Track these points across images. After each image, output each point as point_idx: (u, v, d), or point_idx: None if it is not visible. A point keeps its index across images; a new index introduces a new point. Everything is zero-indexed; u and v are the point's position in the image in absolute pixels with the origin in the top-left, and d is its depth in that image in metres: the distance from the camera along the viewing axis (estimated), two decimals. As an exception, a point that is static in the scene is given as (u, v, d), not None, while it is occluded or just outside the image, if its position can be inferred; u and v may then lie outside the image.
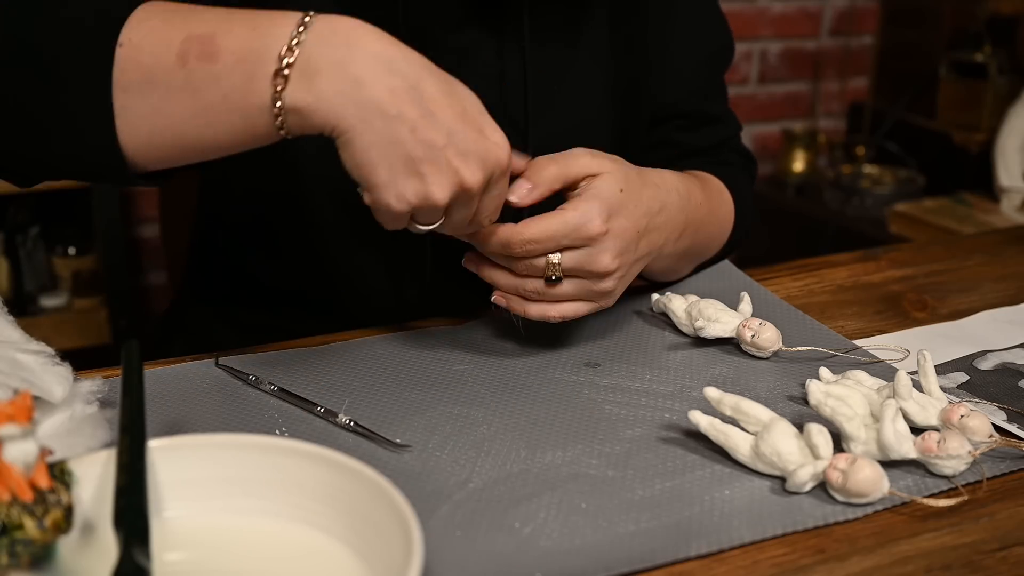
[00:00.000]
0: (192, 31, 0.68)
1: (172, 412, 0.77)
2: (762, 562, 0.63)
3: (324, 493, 0.62)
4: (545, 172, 0.79)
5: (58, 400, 0.69)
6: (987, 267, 1.11)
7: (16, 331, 0.75)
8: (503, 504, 0.67)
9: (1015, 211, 2.30)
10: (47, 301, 2.02)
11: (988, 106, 2.42)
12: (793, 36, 2.66)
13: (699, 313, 0.89)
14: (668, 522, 0.66)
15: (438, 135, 0.67)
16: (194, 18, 0.69)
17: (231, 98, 0.68)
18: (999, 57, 2.44)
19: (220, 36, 0.68)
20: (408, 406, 0.79)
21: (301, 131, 0.69)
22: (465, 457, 0.73)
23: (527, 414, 0.78)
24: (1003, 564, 0.63)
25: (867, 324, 0.96)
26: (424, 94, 0.67)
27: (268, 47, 0.67)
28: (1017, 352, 0.90)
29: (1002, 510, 0.68)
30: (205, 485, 0.63)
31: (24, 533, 0.55)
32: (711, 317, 0.88)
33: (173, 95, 0.68)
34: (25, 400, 0.57)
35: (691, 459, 0.73)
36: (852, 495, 0.67)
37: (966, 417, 0.73)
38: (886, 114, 2.59)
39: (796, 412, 0.79)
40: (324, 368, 0.84)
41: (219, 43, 0.68)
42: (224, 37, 0.68)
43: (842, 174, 2.52)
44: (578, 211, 0.78)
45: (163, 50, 0.68)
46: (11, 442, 0.55)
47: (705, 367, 0.86)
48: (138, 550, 0.55)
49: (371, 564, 0.59)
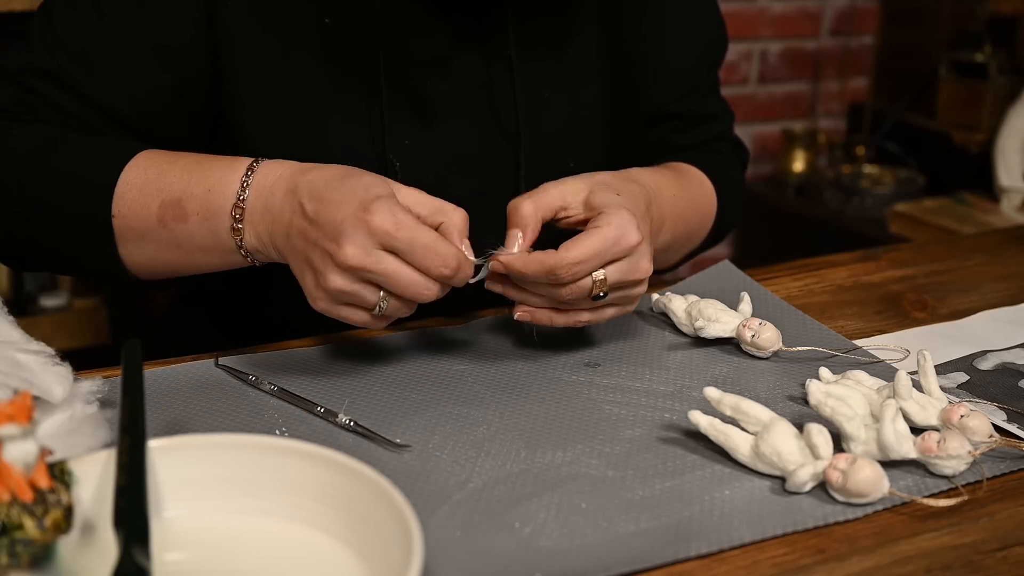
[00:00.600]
0: (164, 198, 0.83)
1: (172, 412, 0.77)
2: (762, 562, 0.63)
3: (324, 493, 0.62)
4: (524, 211, 0.81)
5: (58, 400, 0.69)
6: (987, 267, 1.11)
7: (16, 331, 0.75)
8: (503, 504, 0.67)
9: (1015, 211, 2.30)
10: (47, 301, 2.02)
11: (988, 106, 2.42)
12: (793, 36, 2.66)
13: (699, 313, 0.89)
14: (668, 522, 0.66)
15: (312, 233, 0.76)
16: (164, 183, 0.83)
17: (206, 247, 0.83)
18: (999, 57, 2.44)
19: (185, 200, 0.82)
20: (408, 406, 0.79)
21: (268, 260, 0.83)
22: (465, 457, 0.73)
23: (527, 414, 0.78)
24: (1003, 564, 0.63)
25: (867, 324, 0.96)
26: (306, 209, 0.77)
27: (221, 207, 0.81)
28: (1017, 352, 0.90)
29: (1002, 510, 0.68)
30: (205, 485, 0.63)
31: (24, 533, 0.55)
32: (711, 317, 0.88)
33: (162, 248, 0.85)
34: (25, 400, 0.57)
35: (691, 459, 0.73)
36: (852, 495, 0.67)
37: (966, 417, 0.73)
38: (886, 114, 2.59)
39: (796, 412, 0.79)
40: (324, 368, 0.84)
41: (185, 207, 0.82)
42: (188, 201, 0.82)
43: (842, 174, 2.52)
44: (612, 225, 0.79)
45: (145, 217, 0.83)
46: (11, 442, 0.55)
47: (705, 367, 0.86)
48: (138, 550, 0.55)
49: (371, 564, 0.59)
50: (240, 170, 0.81)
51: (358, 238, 0.73)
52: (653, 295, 0.95)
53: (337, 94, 0.90)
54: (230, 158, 0.83)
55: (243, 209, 0.80)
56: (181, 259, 0.85)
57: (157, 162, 0.84)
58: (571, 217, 0.83)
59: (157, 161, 0.85)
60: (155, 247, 0.85)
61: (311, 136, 0.90)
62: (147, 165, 0.84)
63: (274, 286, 1.01)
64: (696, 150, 1.08)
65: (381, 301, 0.76)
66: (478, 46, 0.93)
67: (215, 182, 0.81)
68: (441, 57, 0.92)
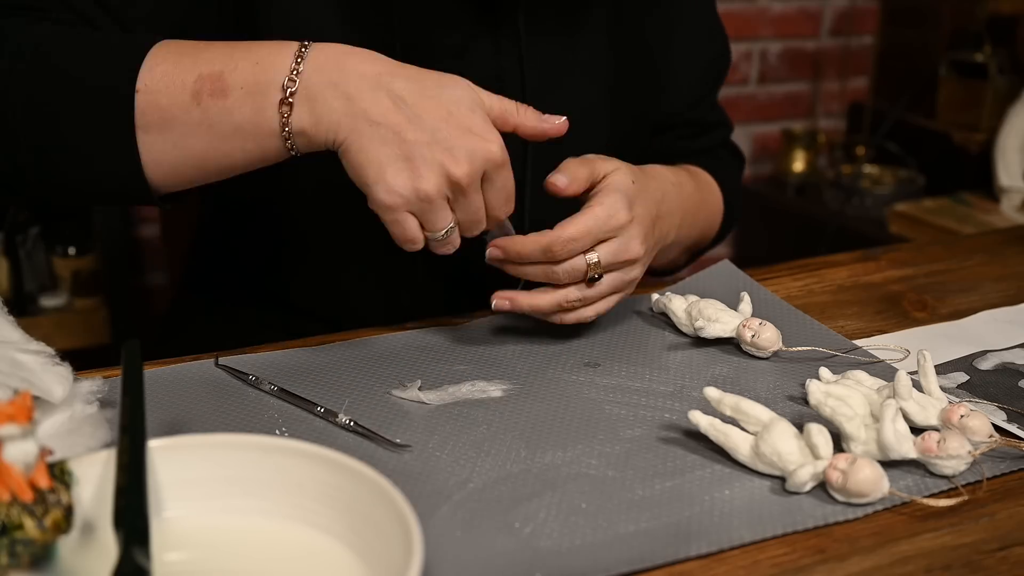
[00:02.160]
0: (202, 71, 0.75)
1: (172, 412, 0.77)
2: (762, 562, 0.63)
3: (324, 493, 0.62)
4: (580, 173, 0.83)
5: (58, 400, 0.69)
6: (987, 267, 1.11)
7: (16, 331, 0.75)
8: (503, 504, 0.67)
9: (1015, 211, 2.30)
10: (47, 301, 2.02)
11: (988, 106, 2.41)
12: (793, 36, 2.66)
13: (699, 313, 0.89)
14: (668, 522, 0.66)
15: (422, 134, 0.73)
16: (202, 58, 0.76)
17: (244, 128, 0.76)
18: (999, 57, 2.44)
19: (228, 73, 0.75)
20: (408, 406, 0.79)
21: (308, 148, 0.76)
22: (465, 457, 0.73)
23: (527, 414, 0.78)
24: (1003, 564, 0.63)
25: (867, 324, 0.96)
26: (407, 101, 0.73)
27: (272, 80, 0.74)
28: (1017, 352, 0.90)
29: (1002, 510, 0.68)
30: (205, 485, 0.63)
31: (24, 533, 0.55)
32: (711, 317, 0.88)
33: (191, 130, 0.76)
34: (25, 400, 0.57)
35: (691, 459, 0.73)
36: (852, 495, 0.67)
37: (966, 417, 0.73)
38: (886, 114, 2.59)
39: (796, 412, 0.79)
40: (324, 368, 0.84)
41: (227, 80, 0.75)
42: (232, 74, 0.75)
43: (842, 174, 2.52)
44: (604, 205, 0.82)
45: (178, 91, 0.75)
46: (11, 442, 0.55)
47: (705, 367, 0.86)
48: (138, 550, 0.55)
49: (371, 564, 0.59)
50: (292, 47, 0.75)
51: (476, 161, 0.74)
52: (653, 295, 0.95)
53: None
54: (277, 41, 0.77)
55: (296, 83, 0.74)
56: (208, 148, 0.77)
57: (190, 43, 0.78)
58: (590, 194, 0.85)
59: (190, 43, 0.78)
60: (182, 131, 0.76)
61: None
62: (179, 45, 0.78)
63: (275, 286, 1.01)
64: (701, 156, 1.10)
65: (449, 229, 0.76)
66: (490, 38, 0.93)
67: (263, 56, 0.76)
68: (454, 48, 0.93)
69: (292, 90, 0.74)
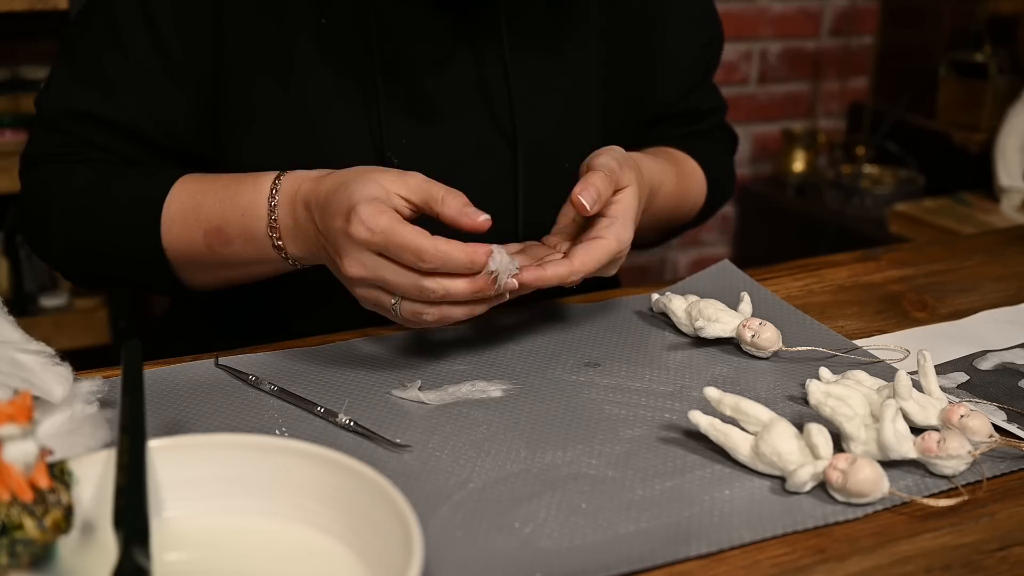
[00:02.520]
0: (206, 227, 0.87)
1: (172, 412, 0.77)
2: (762, 562, 0.63)
3: (324, 493, 0.62)
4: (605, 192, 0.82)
5: (58, 400, 0.69)
6: (987, 267, 1.11)
7: (16, 331, 0.75)
8: (503, 504, 0.67)
9: (1015, 211, 2.30)
10: (47, 301, 2.02)
11: (988, 106, 2.41)
12: (793, 36, 2.66)
13: (699, 313, 0.89)
14: (668, 522, 0.66)
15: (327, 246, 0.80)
16: (202, 214, 0.87)
17: (255, 263, 0.88)
18: (999, 57, 2.43)
19: (225, 227, 0.86)
20: (408, 406, 0.79)
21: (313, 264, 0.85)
22: (465, 457, 0.73)
23: (527, 414, 0.78)
24: (1003, 564, 0.63)
25: (867, 324, 0.96)
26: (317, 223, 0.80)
27: (259, 229, 0.85)
28: (1017, 352, 0.90)
29: (1002, 510, 0.68)
30: (205, 485, 0.63)
31: (24, 533, 0.55)
32: (711, 317, 0.88)
33: (216, 267, 0.90)
34: (25, 400, 0.57)
35: (691, 459, 0.73)
36: (852, 495, 0.67)
37: (966, 417, 0.73)
38: (886, 114, 2.59)
39: (796, 412, 0.79)
40: (324, 368, 0.84)
41: (227, 232, 0.86)
42: (228, 227, 0.86)
43: (842, 174, 2.52)
44: (620, 240, 0.83)
45: (194, 246, 0.89)
46: (11, 442, 0.55)
47: (705, 367, 0.86)
48: (138, 550, 0.55)
49: (371, 564, 0.59)
50: (265, 190, 0.84)
51: (351, 250, 0.76)
52: (653, 295, 0.95)
53: (336, 94, 0.91)
54: (255, 176, 0.86)
55: (278, 228, 0.84)
56: (238, 274, 0.91)
57: (191, 191, 0.89)
58: None
59: (191, 191, 0.89)
60: (210, 268, 0.90)
61: (311, 136, 0.91)
62: (183, 198, 0.89)
63: (275, 286, 1.01)
64: (691, 139, 1.11)
65: (393, 306, 0.78)
66: (473, 46, 0.93)
67: (246, 205, 0.85)
68: (438, 57, 0.93)
69: (275, 236, 0.84)
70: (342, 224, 0.76)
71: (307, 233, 0.82)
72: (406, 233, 0.74)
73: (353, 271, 0.77)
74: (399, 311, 0.78)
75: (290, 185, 0.83)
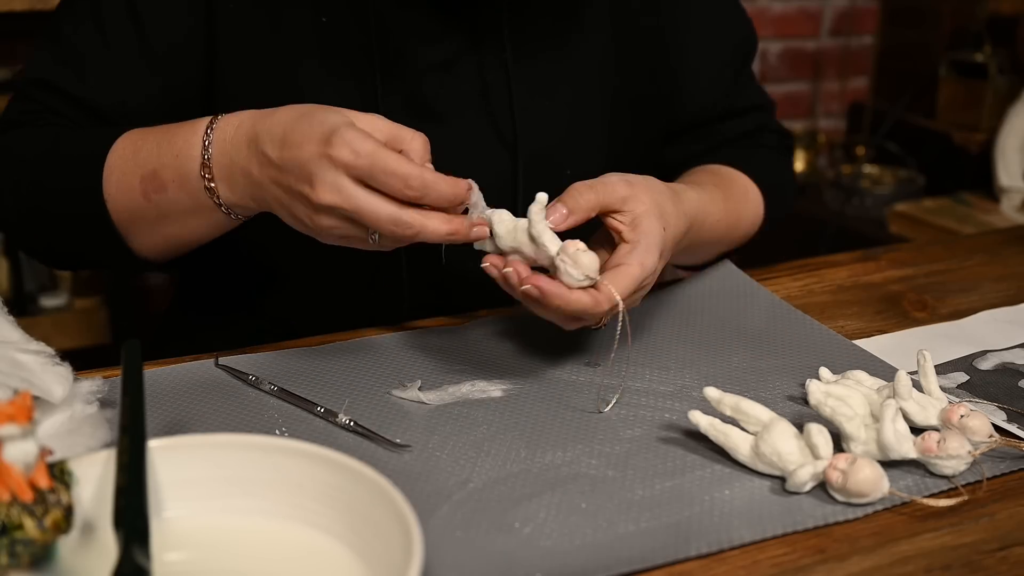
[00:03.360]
0: (143, 172, 0.84)
1: (172, 412, 0.77)
2: (762, 562, 0.63)
3: (324, 493, 0.62)
4: (582, 200, 0.79)
5: (58, 400, 0.69)
6: (987, 267, 1.11)
7: (16, 331, 0.75)
8: (503, 504, 0.67)
9: (1015, 211, 2.30)
10: (47, 301, 2.01)
11: (988, 106, 2.41)
12: (793, 36, 2.66)
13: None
14: (668, 522, 0.66)
15: (284, 179, 0.76)
16: (140, 158, 0.85)
17: (191, 210, 0.84)
18: (999, 57, 2.43)
19: (160, 170, 0.83)
20: (408, 406, 0.79)
21: (249, 215, 0.83)
22: (465, 457, 0.73)
23: (527, 414, 0.78)
24: (1003, 564, 0.63)
25: (867, 324, 0.96)
26: (271, 156, 0.76)
27: (191, 169, 0.81)
28: (1017, 352, 0.90)
29: (1002, 510, 0.68)
30: (205, 485, 0.63)
31: (24, 533, 0.55)
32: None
33: (156, 221, 0.86)
34: (25, 400, 0.57)
35: (691, 459, 0.73)
36: (852, 495, 0.67)
37: (966, 417, 0.73)
38: (886, 114, 2.59)
39: (796, 412, 0.79)
40: (324, 368, 0.84)
41: (162, 176, 0.83)
42: (162, 170, 0.83)
43: (842, 174, 2.52)
44: (644, 267, 0.79)
45: (131, 195, 0.85)
46: (11, 442, 0.55)
47: (705, 367, 0.86)
48: (138, 550, 0.55)
49: (371, 564, 0.59)
50: (200, 130, 0.81)
51: (326, 174, 0.73)
52: None
53: (333, 93, 0.90)
54: (194, 120, 0.83)
55: (210, 168, 0.80)
56: (174, 230, 0.86)
57: (133, 139, 0.86)
58: (616, 224, 0.80)
59: (133, 139, 0.86)
60: (149, 222, 0.86)
61: None
62: (125, 144, 0.86)
63: (275, 286, 1.01)
64: (739, 143, 1.07)
65: (370, 236, 0.75)
66: (475, 51, 0.93)
67: (181, 146, 0.82)
68: (438, 61, 0.92)
69: (208, 175, 0.80)
70: (317, 148, 0.73)
71: (246, 173, 0.78)
72: (391, 157, 0.72)
73: (326, 198, 0.73)
74: (377, 240, 0.75)
75: (228, 123, 0.80)
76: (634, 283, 0.78)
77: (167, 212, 0.85)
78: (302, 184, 0.74)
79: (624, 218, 0.80)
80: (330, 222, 0.75)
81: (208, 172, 0.80)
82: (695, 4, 1.04)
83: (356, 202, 0.73)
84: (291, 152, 0.74)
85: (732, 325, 0.94)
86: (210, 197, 0.81)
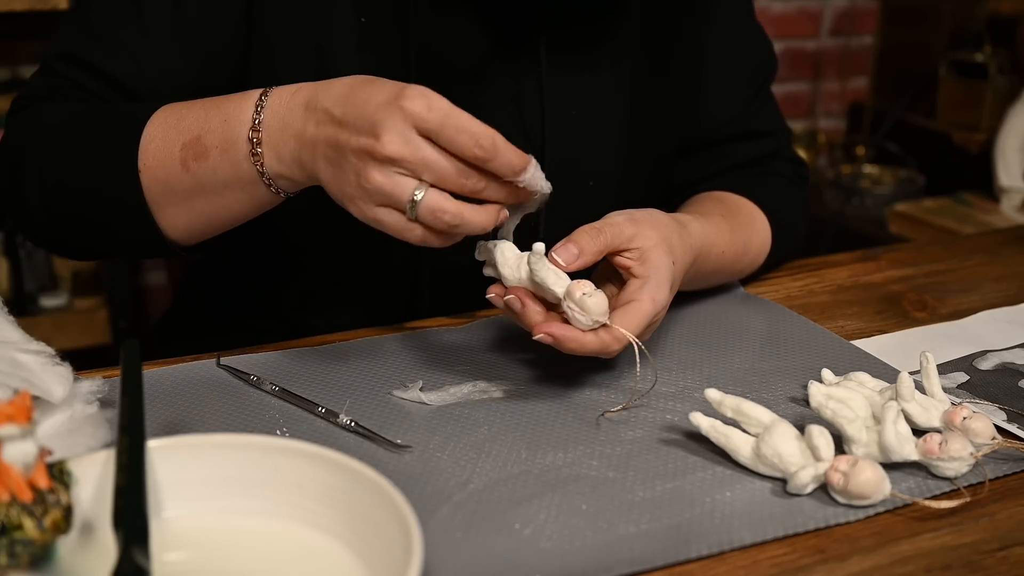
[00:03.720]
0: (185, 139, 0.81)
1: (172, 412, 0.77)
2: (762, 562, 0.63)
3: (324, 493, 0.62)
4: (593, 244, 0.79)
5: (58, 400, 0.69)
6: (987, 267, 1.11)
7: (16, 331, 0.75)
8: (503, 505, 0.67)
9: (1015, 211, 2.30)
10: (47, 301, 2.02)
11: (988, 106, 2.41)
12: (793, 36, 2.66)
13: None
14: (669, 524, 0.66)
15: (343, 135, 0.73)
16: (183, 125, 0.82)
17: (230, 182, 0.80)
18: (999, 57, 2.44)
19: (204, 136, 0.80)
20: (409, 407, 0.79)
21: (294, 188, 0.80)
22: (466, 458, 0.73)
23: (528, 415, 0.78)
24: (1003, 564, 0.63)
25: (867, 324, 0.96)
26: (333, 113, 0.74)
27: (239, 134, 0.78)
28: (1017, 352, 0.90)
29: (1002, 510, 0.68)
30: (205, 485, 0.63)
31: (24, 533, 0.55)
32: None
33: (190, 194, 0.82)
34: (25, 400, 0.57)
35: (692, 461, 0.73)
36: (854, 497, 0.67)
37: (969, 419, 0.73)
38: (886, 114, 2.59)
39: (797, 414, 0.79)
40: (325, 368, 0.84)
41: (205, 142, 0.80)
42: (207, 136, 0.80)
43: (842, 174, 2.52)
44: (656, 302, 0.79)
45: (169, 163, 0.82)
46: (11, 442, 0.55)
47: (706, 368, 0.86)
48: (138, 550, 0.55)
49: (371, 565, 0.59)
50: (254, 97, 0.79)
51: (395, 124, 0.71)
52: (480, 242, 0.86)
53: None
54: (246, 91, 0.81)
55: (259, 132, 0.78)
56: (209, 206, 0.83)
57: (176, 109, 0.84)
58: (625, 261, 0.80)
59: (176, 108, 0.84)
60: (183, 196, 0.83)
61: None
62: (167, 114, 0.84)
63: (278, 283, 1.01)
64: (751, 169, 1.06)
65: (416, 191, 0.72)
66: (510, 59, 0.93)
67: (230, 112, 0.80)
68: (473, 67, 0.92)
69: (256, 140, 0.78)
70: (389, 98, 0.71)
71: (298, 134, 0.76)
72: (464, 114, 0.71)
73: (392, 148, 0.70)
74: (419, 204, 0.72)
75: (283, 90, 0.78)
76: (646, 319, 0.78)
77: (205, 184, 0.81)
78: (365, 137, 0.71)
79: (632, 255, 0.80)
80: (381, 178, 0.72)
81: (256, 136, 0.78)
82: (720, 25, 1.03)
83: (423, 153, 0.71)
84: (357, 108, 0.72)
85: (734, 327, 0.94)
86: (253, 165, 0.78)
